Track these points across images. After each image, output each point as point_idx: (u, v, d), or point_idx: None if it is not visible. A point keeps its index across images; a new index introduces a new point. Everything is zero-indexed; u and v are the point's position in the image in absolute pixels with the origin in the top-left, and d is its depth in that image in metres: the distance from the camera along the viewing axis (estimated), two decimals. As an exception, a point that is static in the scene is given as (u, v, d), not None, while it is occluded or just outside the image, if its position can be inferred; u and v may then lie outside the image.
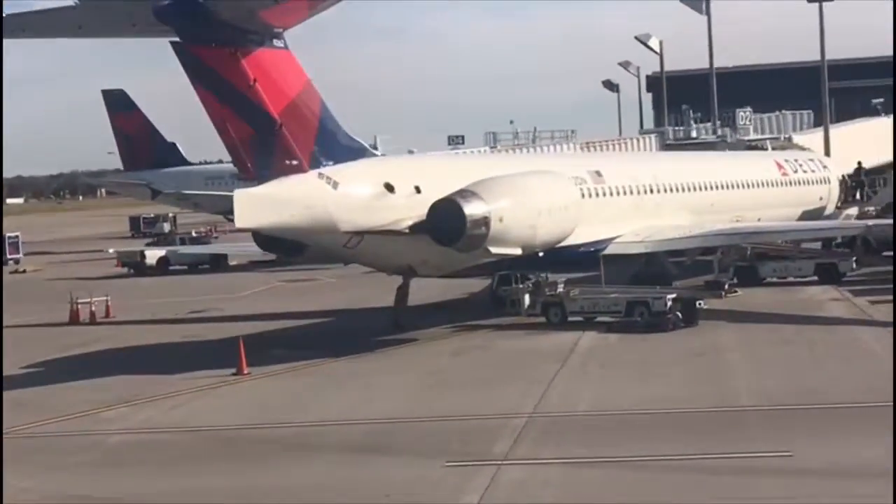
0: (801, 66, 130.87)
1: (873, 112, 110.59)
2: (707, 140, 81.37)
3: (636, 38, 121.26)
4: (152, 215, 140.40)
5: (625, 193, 56.64)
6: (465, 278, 52.99)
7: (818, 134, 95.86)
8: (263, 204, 41.70)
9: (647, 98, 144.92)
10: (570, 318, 49.09)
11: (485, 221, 44.68)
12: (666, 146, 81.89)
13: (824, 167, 75.14)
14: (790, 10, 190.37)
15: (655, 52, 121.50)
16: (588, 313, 49.21)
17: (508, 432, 29.72)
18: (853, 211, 76.30)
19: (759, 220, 65.98)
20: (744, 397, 32.96)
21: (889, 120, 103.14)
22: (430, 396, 35.84)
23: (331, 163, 43.91)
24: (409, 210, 45.21)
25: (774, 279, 61.71)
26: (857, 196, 75.83)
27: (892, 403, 30.03)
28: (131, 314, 60.18)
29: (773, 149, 79.56)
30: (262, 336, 49.81)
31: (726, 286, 51.90)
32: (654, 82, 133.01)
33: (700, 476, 25.25)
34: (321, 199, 43.09)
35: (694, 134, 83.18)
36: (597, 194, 54.73)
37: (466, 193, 45.00)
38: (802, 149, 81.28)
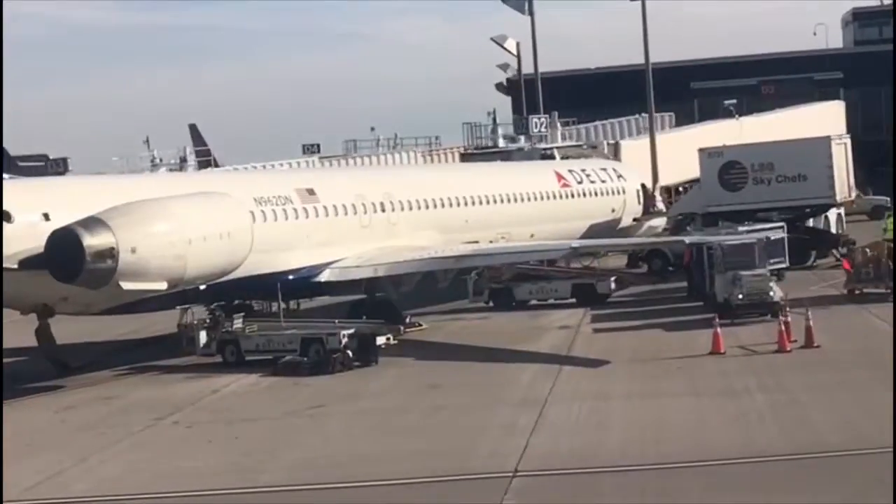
0: (669, 66, 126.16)
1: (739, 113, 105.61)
2: (506, 149, 76.07)
3: (492, 39, 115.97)
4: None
5: (345, 213, 51.38)
6: (151, 312, 47.37)
7: (664, 135, 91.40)
8: None
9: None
10: (249, 358, 43.81)
11: (111, 253, 39.16)
12: (462, 156, 76.62)
13: (619, 177, 70.06)
14: (663, 11, 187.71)
15: (513, 55, 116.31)
16: (265, 352, 43.87)
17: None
18: (658, 222, 71.38)
19: (531, 235, 61.13)
20: (253, 476, 27.31)
21: (737, 122, 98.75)
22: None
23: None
24: (33, 241, 39.72)
25: (535, 301, 56.81)
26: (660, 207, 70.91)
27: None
28: None
29: (570, 157, 74.37)
30: None
31: (407, 319, 46.47)
32: (513, 85, 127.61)
33: None
34: None
35: (501, 143, 77.80)
36: (306, 215, 49.51)
37: (90, 222, 39.50)
38: (607, 157, 76.19)
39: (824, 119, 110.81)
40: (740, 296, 46.27)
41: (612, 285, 56.46)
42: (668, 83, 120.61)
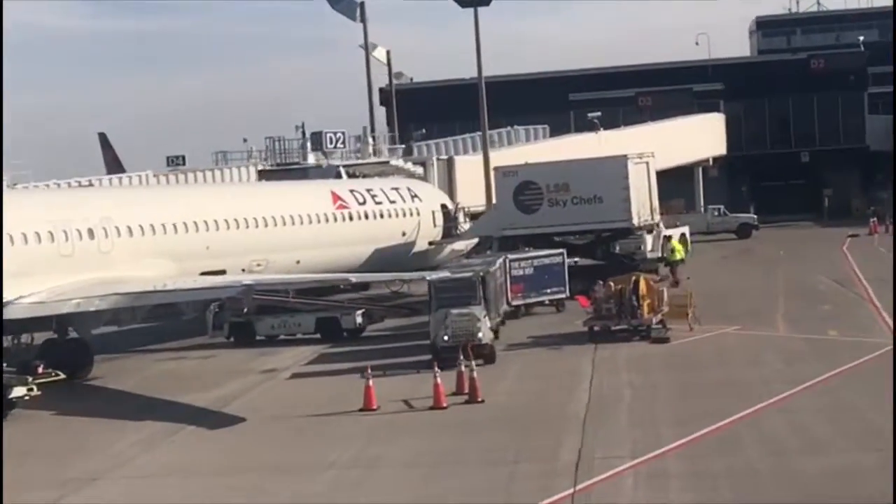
0: (546, 77, 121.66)
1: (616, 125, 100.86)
2: (305, 166, 70.74)
3: (360, 46, 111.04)
4: None
5: (38, 241, 46.06)
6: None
7: (507, 151, 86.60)
8: None
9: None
10: None
11: None
12: (259, 173, 71.21)
13: (413, 197, 64.91)
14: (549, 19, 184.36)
15: (383, 63, 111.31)
16: None
17: None
18: (462, 245, 66.26)
19: (297, 262, 56.22)
20: None
21: (595, 136, 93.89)
22: None
23: None
24: None
25: (284, 336, 51.68)
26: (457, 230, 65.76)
27: None
28: None
29: (367, 175, 69.32)
30: None
31: (39, 369, 41.12)
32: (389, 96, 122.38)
33: None
34: None
35: (311, 159, 72.34)
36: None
37: None
38: (413, 175, 71.00)
39: (698, 132, 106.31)
40: (445, 337, 41.26)
41: (359, 319, 51.38)
42: (545, 94, 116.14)
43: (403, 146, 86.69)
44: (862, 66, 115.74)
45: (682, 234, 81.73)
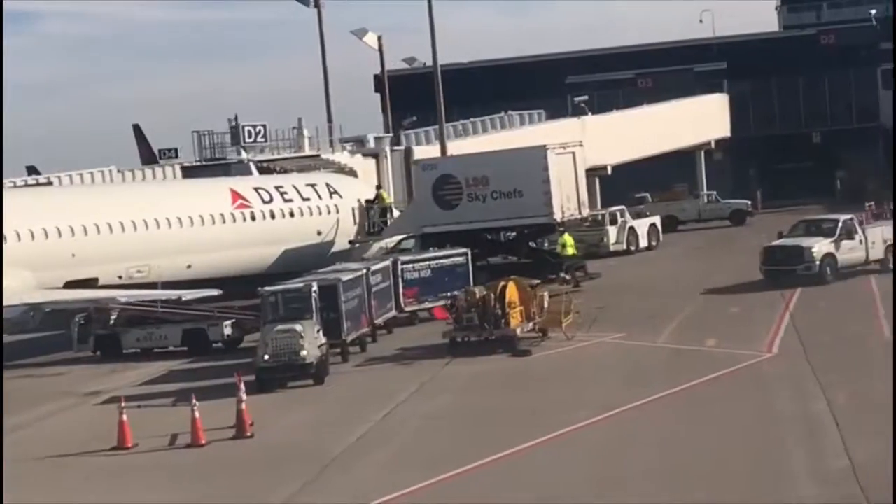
0: (542, 60, 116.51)
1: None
2: (228, 161, 66.51)
3: (351, 32, 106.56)
4: None
5: None
6: None
7: (474, 140, 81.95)
8: None
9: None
10: None
11: None
12: (184, 169, 67.18)
13: (333, 193, 60.53)
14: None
15: (374, 49, 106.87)
16: None
17: None
18: (389, 244, 61.75)
19: (188, 266, 52.68)
20: None
21: (578, 121, 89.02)
22: None
23: None
24: None
25: (157, 349, 47.71)
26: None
27: None
28: None
29: (288, 170, 65.06)
30: None
31: None
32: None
33: None
34: None
35: (244, 154, 67.98)
36: None
37: None
38: (342, 169, 66.41)
39: (696, 114, 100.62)
40: (266, 356, 36.89)
41: (228, 330, 47.13)
42: (543, 78, 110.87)
43: (391, 135, 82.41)
44: (874, 41, 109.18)
45: (652, 225, 76.95)
